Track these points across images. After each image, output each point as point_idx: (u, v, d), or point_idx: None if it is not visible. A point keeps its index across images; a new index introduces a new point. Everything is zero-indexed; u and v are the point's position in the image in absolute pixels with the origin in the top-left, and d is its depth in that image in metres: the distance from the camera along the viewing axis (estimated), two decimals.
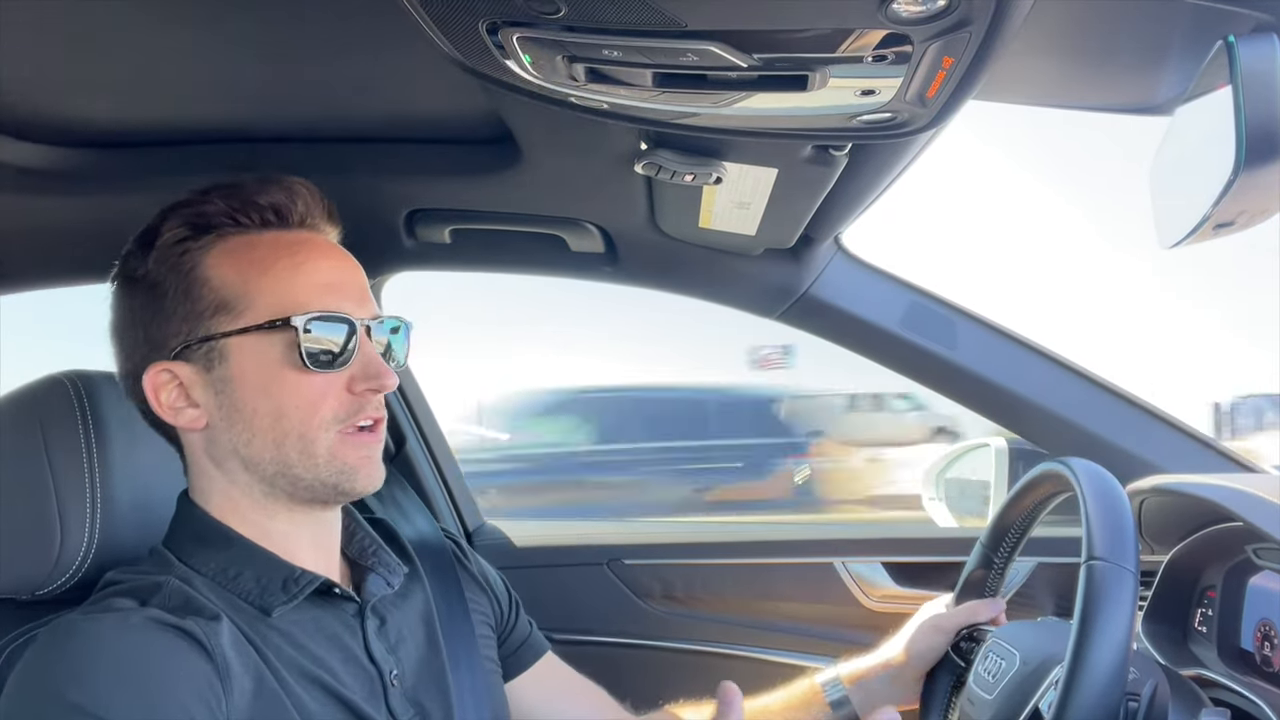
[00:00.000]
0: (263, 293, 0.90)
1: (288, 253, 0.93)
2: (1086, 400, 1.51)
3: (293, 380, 0.90)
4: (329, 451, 0.91)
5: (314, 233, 0.97)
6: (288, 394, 0.90)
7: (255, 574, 0.91)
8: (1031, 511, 1.18)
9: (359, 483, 0.93)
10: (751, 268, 1.48)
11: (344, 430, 0.92)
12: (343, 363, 0.91)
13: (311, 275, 0.92)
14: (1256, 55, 0.80)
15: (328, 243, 0.97)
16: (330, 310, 0.91)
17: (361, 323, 0.93)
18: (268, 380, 0.90)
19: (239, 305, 0.90)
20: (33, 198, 1.29)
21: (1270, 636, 1.04)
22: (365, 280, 0.98)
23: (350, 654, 0.93)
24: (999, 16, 0.69)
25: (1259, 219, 0.92)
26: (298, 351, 0.89)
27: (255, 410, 0.90)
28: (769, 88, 0.82)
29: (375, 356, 0.94)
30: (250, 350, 0.90)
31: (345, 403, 0.92)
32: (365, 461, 0.94)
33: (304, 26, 0.97)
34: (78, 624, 0.80)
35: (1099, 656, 0.82)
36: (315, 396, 0.90)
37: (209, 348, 0.91)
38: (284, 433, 0.90)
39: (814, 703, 1.24)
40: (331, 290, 0.92)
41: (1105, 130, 22.55)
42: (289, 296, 0.90)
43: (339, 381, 0.92)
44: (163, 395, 0.92)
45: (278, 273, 0.91)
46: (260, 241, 0.93)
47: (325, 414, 0.91)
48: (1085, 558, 0.88)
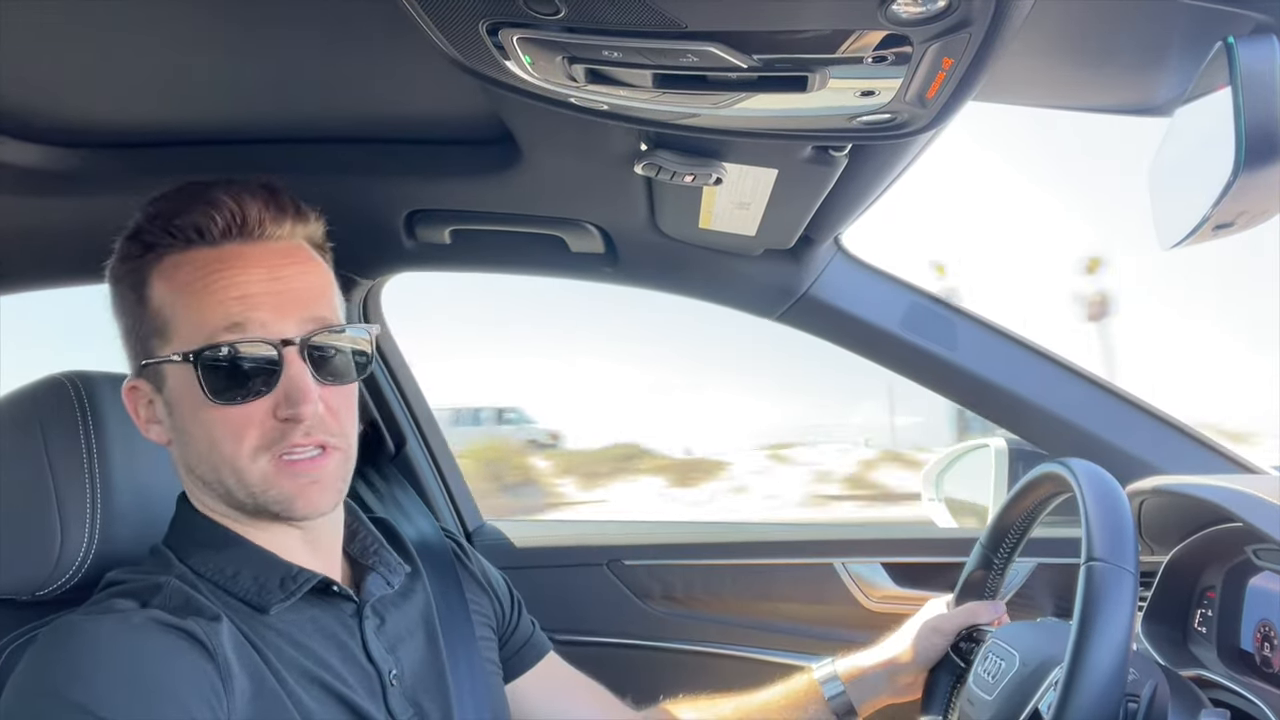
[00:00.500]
0: (181, 318, 0.88)
1: (205, 273, 0.88)
2: (1086, 401, 1.50)
3: (214, 411, 0.87)
4: (263, 480, 0.88)
5: (246, 243, 0.90)
6: (212, 424, 0.87)
7: (253, 573, 0.91)
8: (1031, 512, 1.18)
9: (298, 510, 0.89)
10: (751, 268, 1.48)
11: (278, 456, 0.88)
12: (259, 390, 0.86)
13: (220, 294, 0.87)
14: (1256, 56, 0.80)
15: (259, 250, 0.90)
16: (243, 334, 0.86)
17: (284, 341, 0.87)
18: (196, 409, 0.88)
19: (167, 331, 0.89)
20: (33, 198, 1.29)
21: (1270, 637, 1.04)
22: (306, 284, 0.91)
23: (349, 653, 0.93)
24: (998, 17, 0.69)
25: (1259, 220, 0.92)
26: (199, 387, 0.86)
27: (193, 436, 0.90)
28: (769, 88, 0.82)
29: (296, 380, 0.87)
30: (178, 378, 0.89)
31: (271, 430, 0.87)
32: (305, 489, 0.89)
33: (304, 27, 0.97)
34: (79, 624, 0.80)
35: (1098, 657, 0.82)
36: (237, 428, 0.87)
37: (154, 370, 0.90)
38: (217, 461, 0.88)
39: (812, 699, 1.24)
40: (242, 305, 0.87)
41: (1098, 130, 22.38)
42: (200, 322, 0.87)
43: (263, 408, 0.87)
44: (140, 410, 0.93)
45: (191, 296, 0.88)
46: (185, 261, 0.89)
47: (250, 444, 0.87)
48: (1085, 559, 0.88)
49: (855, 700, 1.23)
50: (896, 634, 1.27)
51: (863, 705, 1.23)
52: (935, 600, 1.29)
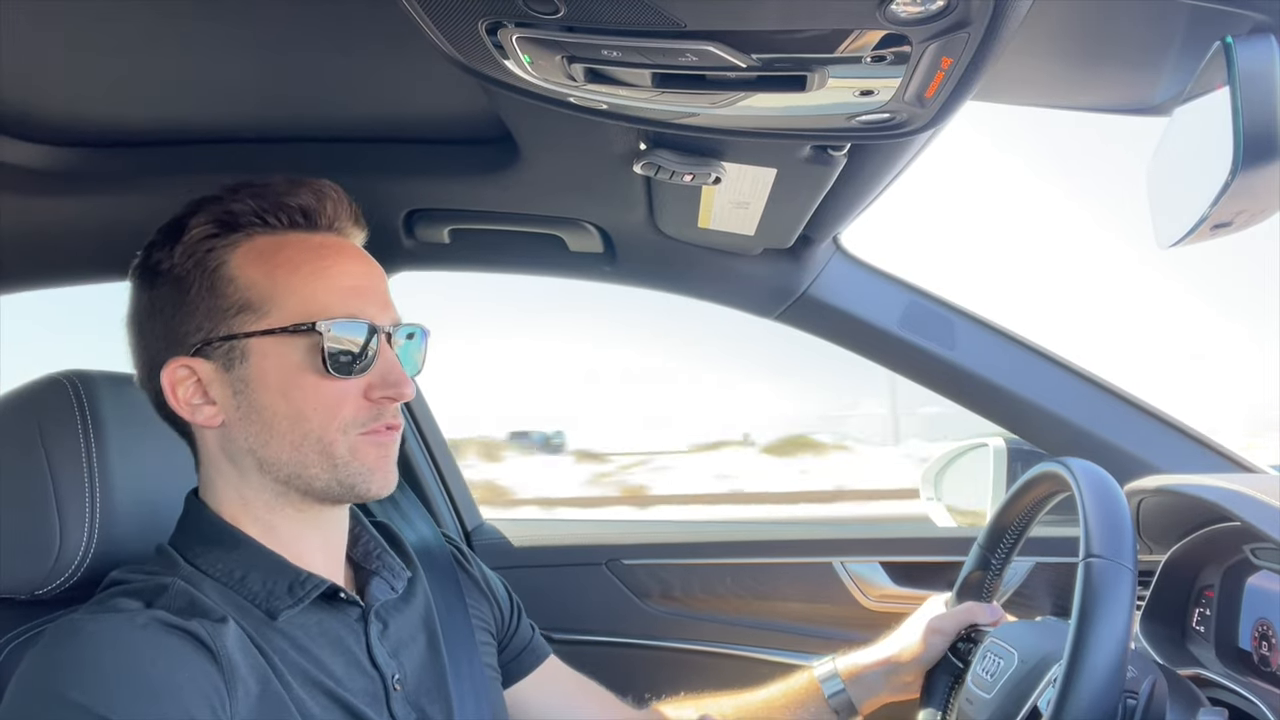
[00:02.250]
0: (288, 295, 0.90)
1: (314, 256, 0.93)
2: (1085, 400, 1.51)
3: (312, 384, 0.90)
4: (349, 452, 0.91)
5: (340, 236, 0.97)
6: (307, 397, 0.90)
7: (261, 576, 0.91)
8: (1029, 511, 1.18)
9: (374, 484, 0.93)
10: (750, 268, 1.48)
11: (362, 433, 0.92)
12: (362, 369, 0.91)
13: (337, 280, 0.92)
14: (1254, 56, 0.80)
15: (353, 247, 0.98)
16: (353, 316, 0.91)
17: (383, 329, 0.93)
18: (288, 383, 0.90)
19: (263, 306, 0.90)
20: (33, 198, 1.29)
21: (1268, 636, 1.05)
22: (387, 286, 0.98)
23: (353, 658, 0.93)
24: (997, 17, 0.69)
25: (1257, 219, 0.92)
26: (320, 356, 0.89)
27: (274, 412, 0.90)
28: (768, 88, 0.82)
29: (395, 364, 0.94)
30: (272, 352, 0.90)
31: (363, 409, 0.92)
32: (382, 461, 0.94)
33: (304, 27, 0.97)
34: (82, 624, 0.80)
35: (1097, 653, 0.82)
36: (334, 401, 0.90)
37: (230, 346, 0.90)
38: (302, 435, 0.90)
39: (812, 696, 1.25)
40: (355, 295, 0.92)
41: None
42: (313, 301, 0.90)
43: (357, 387, 0.92)
44: (180, 391, 0.92)
45: (303, 276, 0.91)
46: (287, 243, 0.93)
47: (344, 418, 0.91)
48: (1083, 555, 0.88)
49: (855, 699, 1.23)
50: (896, 633, 1.27)
51: (863, 704, 1.24)
52: (934, 598, 1.29)
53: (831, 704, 1.23)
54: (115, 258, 0.97)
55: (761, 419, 30.20)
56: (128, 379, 1.02)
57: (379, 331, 0.92)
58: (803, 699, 1.25)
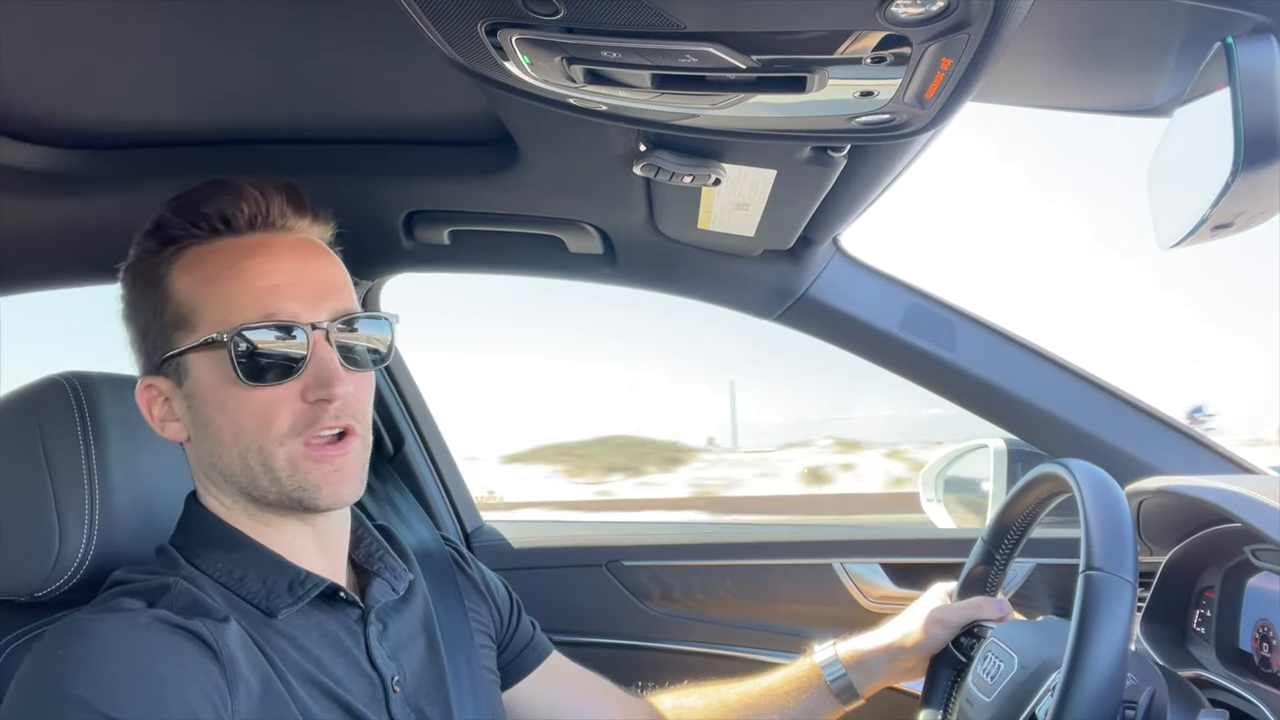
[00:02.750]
0: (208, 306, 0.89)
1: (234, 260, 0.90)
2: (1085, 401, 1.51)
3: (241, 395, 0.88)
4: (289, 465, 0.88)
5: (270, 234, 0.93)
6: (239, 409, 0.88)
7: (261, 576, 0.91)
8: (1033, 509, 1.18)
9: (322, 499, 0.90)
10: (750, 269, 1.48)
11: (306, 442, 0.89)
12: (290, 373, 0.88)
13: (252, 281, 0.89)
14: (1255, 57, 0.80)
15: (284, 242, 0.93)
16: (273, 317, 0.87)
17: (313, 326, 0.89)
18: (220, 395, 0.89)
19: (192, 320, 0.89)
20: (32, 199, 1.29)
21: (1268, 637, 1.05)
22: (331, 277, 0.94)
23: (352, 659, 0.93)
24: (997, 18, 0.69)
25: (1258, 220, 0.92)
26: (231, 367, 0.87)
27: (218, 425, 0.90)
28: (768, 89, 0.82)
29: (328, 362, 0.89)
30: (204, 366, 0.89)
31: (300, 413, 0.88)
32: (329, 477, 0.90)
33: (303, 28, 0.97)
34: (85, 623, 0.80)
35: (1095, 668, 0.82)
36: (266, 409, 0.88)
37: (176, 364, 0.91)
38: (244, 447, 0.89)
39: (814, 681, 1.24)
40: (276, 294, 0.89)
41: None
42: (231, 308, 0.88)
43: (292, 391, 0.88)
44: (154, 409, 0.93)
45: (222, 283, 0.89)
46: (210, 251, 0.91)
47: (280, 427, 0.88)
48: (1084, 567, 0.87)
49: (856, 683, 1.23)
50: (899, 618, 1.26)
51: (864, 688, 1.23)
52: (937, 587, 1.28)
53: (833, 688, 1.23)
54: (114, 260, 0.97)
55: None
56: (127, 381, 1.02)
57: (306, 330, 0.88)
58: (804, 684, 1.25)
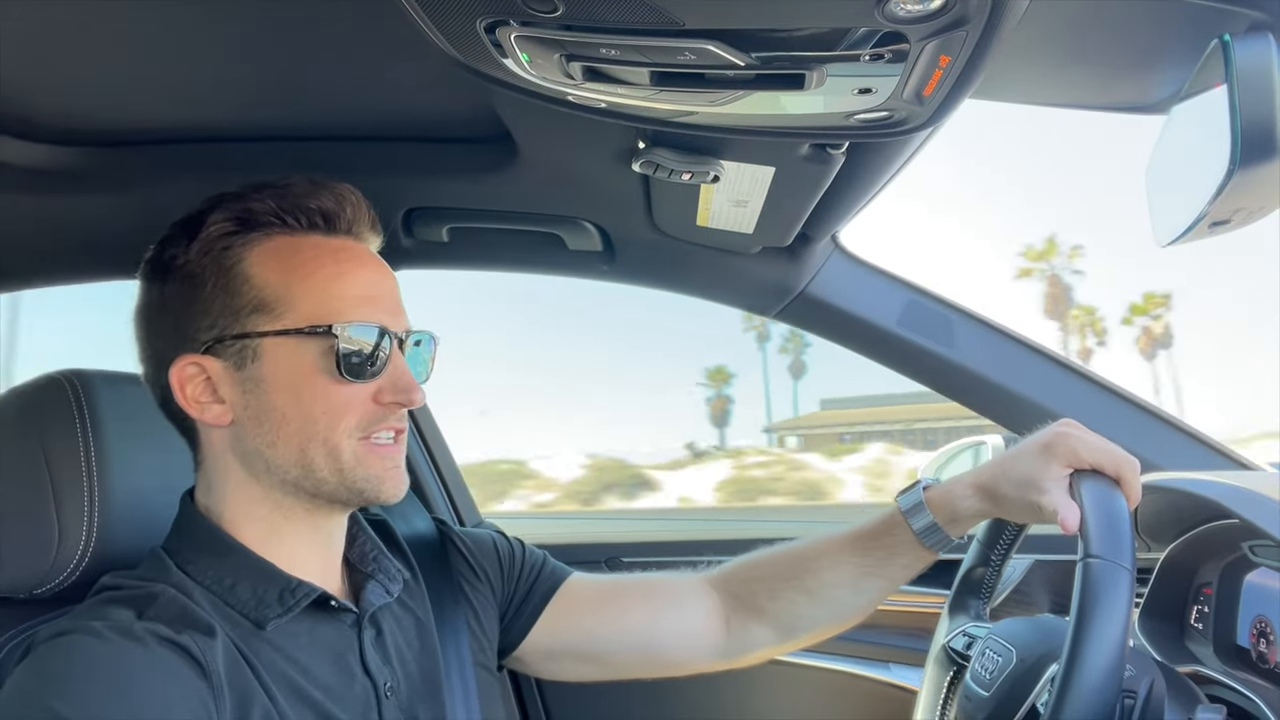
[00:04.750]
0: (303, 297, 0.90)
1: (331, 259, 0.93)
2: (1083, 397, 1.51)
3: (323, 386, 0.90)
4: (354, 458, 0.91)
5: (357, 241, 0.97)
6: (317, 399, 0.90)
7: (252, 584, 0.90)
8: None
9: (384, 492, 0.94)
10: (749, 266, 1.49)
11: (365, 439, 0.92)
12: (374, 374, 0.92)
13: (352, 285, 0.92)
14: (1252, 54, 0.80)
15: (369, 252, 0.98)
16: (367, 320, 0.91)
17: (394, 335, 0.93)
18: (299, 384, 0.90)
19: (278, 307, 0.90)
20: (33, 196, 1.29)
21: (1266, 633, 1.05)
22: (399, 292, 0.99)
23: (345, 666, 0.93)
24: (995, 16, 0.69)
25: (1255, 217, 0.92)
26: (334, 359, 0.89)
27: (283, 413, 0.90)
28: (766, 86, 0.82)
29: (406, 370, 0.94)
30: (285, 353, 0.90)
31: (370, 413, 0.92)
32: (391, 472, 0.94)
33: (302, 26, 0.97)
34: (74, 635, 0.79)
35: (1095, 655, 0.82)
36: (343, 404, 0.91)
37: (242, 345, 0.90)
38: (309, 437, 0.90)
39: (894, 526, 1.10)
40: (369, 301, 0.93)
41: None
42: (329, 303, 0.90)
43: (367, 392, 0.92)
44: (189, 388, 0.91)
45: (320, 279, 0.91)
46: (304, 244, 0.93)
47: (350, 422, 0.91)
48: (1082, 555, 0.88)
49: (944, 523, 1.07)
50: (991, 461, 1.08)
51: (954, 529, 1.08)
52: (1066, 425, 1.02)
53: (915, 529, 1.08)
54: (116, 257, 0.98)
55: None
56: (126, 378, 1.02)
57: (391, 337, 0.93)
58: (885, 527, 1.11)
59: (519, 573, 1.20)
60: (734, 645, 1.18)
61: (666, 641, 1.19)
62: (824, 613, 1.15)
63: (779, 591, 1.15)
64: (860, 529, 1.13)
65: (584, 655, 1.19)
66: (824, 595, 1.13)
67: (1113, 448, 0.97)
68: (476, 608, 1.14)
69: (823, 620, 1.16)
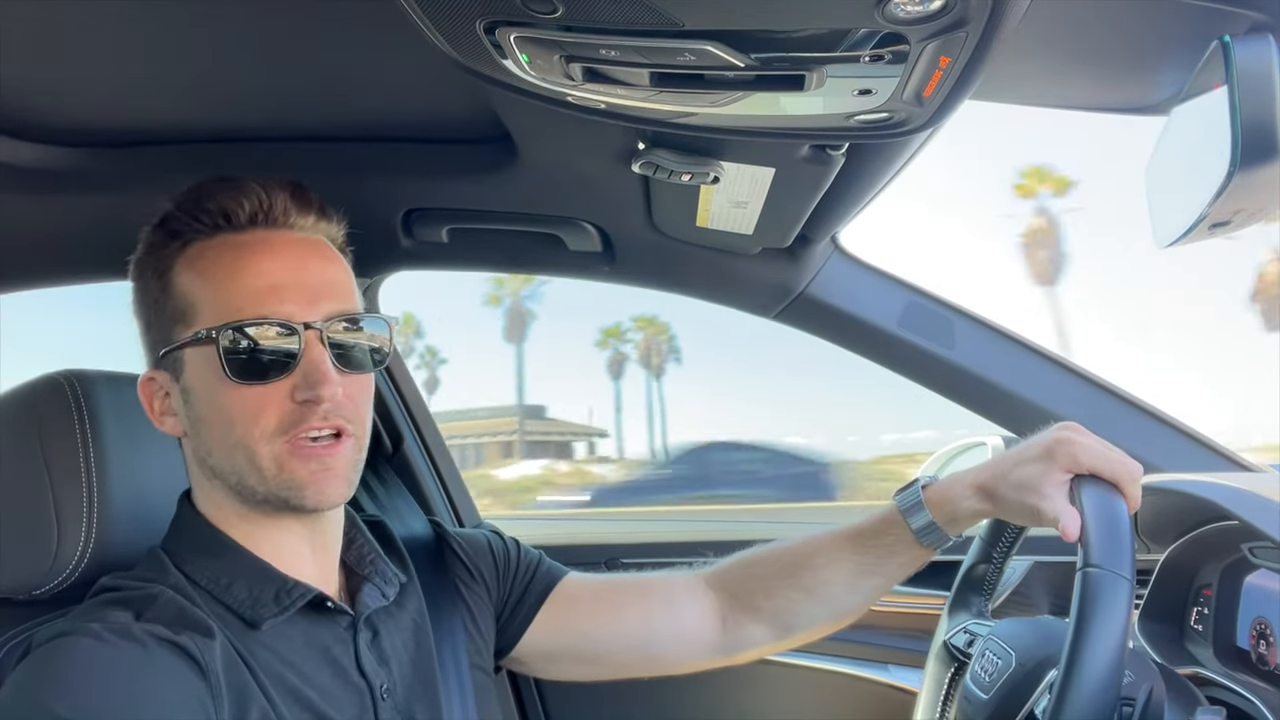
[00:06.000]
0: (209, 301, 0.89)
1: (232, 257, 0.90)
2: (1083, 399, 1.51)
3: (231, 391, 0.87)
4: (275, 463, 0.88)
5: (271, 231, 0.92)
6: (229, 404, 0.88)
7: (248, 584, 0.90)
8: None
9: (308, 498, 0.89)
10: (749, 267, 1.48)
11: (291, 441, 0.88)
12: (281, 372, 0.87)
13: (249, 279, 0.88)
14: (1252, 55, 0.80)
15: (285, 239, 0.93)
16: (266, 315, 0.87)
17: (306, 325, 0.88)
18: (211, 391, 0.89)
19: (190, 314, 0.90)
20: (31, 197, 1.29)
21: (1265, 635, 1.05)
22: (331, 276, 0.94)
23: (340, 668, 0.92)
24: (995, 16, 0.69)
25: (1255, 218, 0.92)
26: (220, 364, 0.87)
27: (209, 421, 0.90)
28: (766, 87, 0.82)
29: (317, 363, 0.88)
30: (196, 361, 0.89)
31: (288, 413, 0.88)
32: (316, 476, 0.89)
33: (302, 27, 0.97)
34: (73, 637, 0.79)
35: (1093, 665, 0.82)
36: (255, 407, 0.87)
37: (174, 357, 0.91)
38: (232, 444, 0.88)
39: (893, 524, 1.09)
40: (272, 292, 0.88)
41: None
42: (227, 305, 0.88)
43: (281, 390, 0.88)
44: (155, 403, 0.93)
45: (219, 279, 0.89)
46: (211, 246, 0.91)
47: (266, 425, 0.87)
48: (1081, 564, 0.87)
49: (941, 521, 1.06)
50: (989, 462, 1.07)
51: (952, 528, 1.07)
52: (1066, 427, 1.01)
53: (913, 527, 1.06)
54: (114, 257, 0.97)
55: None
56: (125, 379, 1.02)
57: (299, 329, 0.88)
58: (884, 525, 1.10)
59: (514, 573, 1.19)
60: (731, 643, 1.18)
61: (663, 640, 1.18)
62: (821, 611, 1.14)
63: (776, 590, 1.15)
64: (857, 527, 1.13)
65: (581, 655, 1.19)
66: (821, 593, 1.13)
67: (1114, 453, 0.97)
68: (472, 609, 1.13)
69: (820, 618, 1.15)
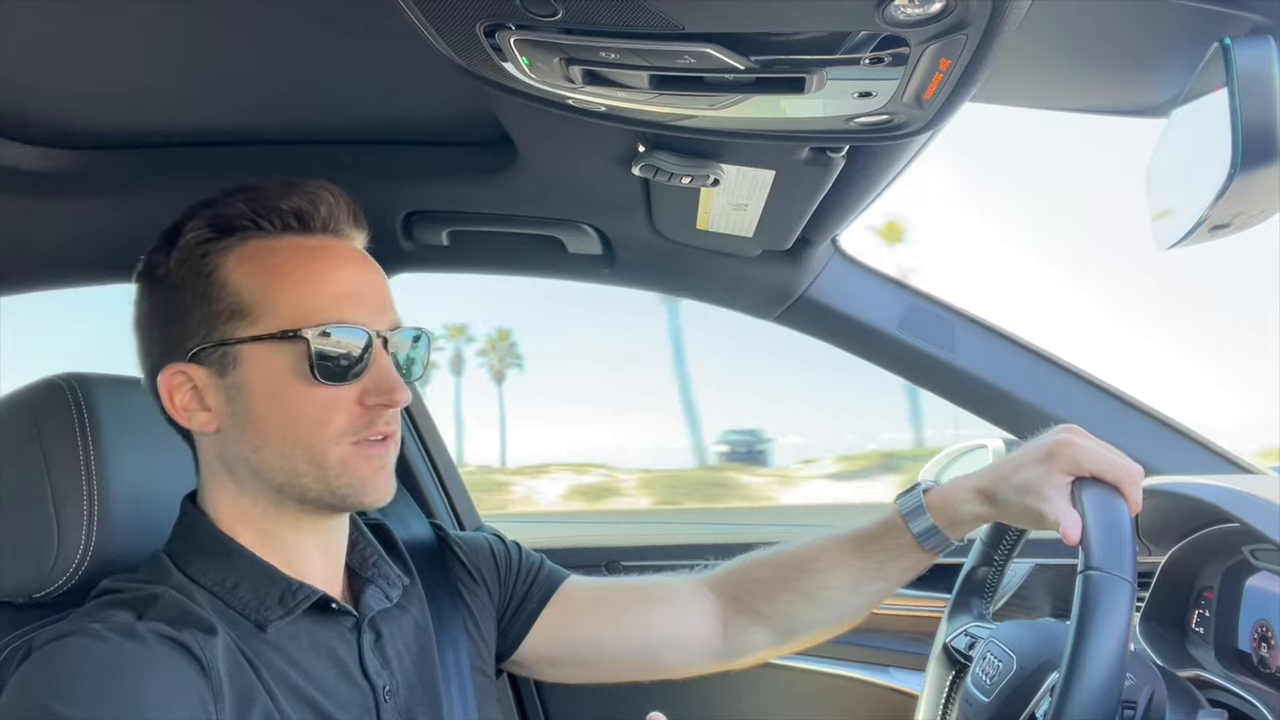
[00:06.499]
0: (278, 300, 0.89)
1: (306, 259, 0.91)
2: (1084, 401, 1.51)
3: (302, 391, 0.88)
4: (340, 463, 0.90)
5: (336, 238, 0.95)
6: (297, 405, 0.89)
7: (253, 586, 0.90)
8: None
9: (369, 496, 0.92)
10: (749, 269, 1.48)
11: (355, 442, 0.91)
12: (355, 376, 0.90)
13: (328, 284, 0.91)
14: (1252, 57, 0.80)
15: (349, 249, 0.96)
16: (345, 321, 0.89)
17: (377, 334, 0.91)
18: (278, 390, 0.89)
19: (254, 312, 0.89)
20: (32, 200, 1.29)
21: (1267, 637, 1.05)
22: (386, 288, 0.97)
23: (344, 669, 0.93)
24: (996, 18, 0.69)
25: (1256, 220, 0.92)
26: (308, 363, 0.87)
27: (265, 419, 0.89)
28: (766, 90, 0.82)
29: (389, 370, 0.92)
30: (262, 358, 0.89)
31: (356, 416, 0.90)
32: (376, 474, 0.92)
33: (303, 30, 0.97)
34: (74, 637, 0.79)
35: (1094, 668, 0.81)
36: (325, 409, 0.89)
37: (223, 353, 0.90)
38: (293, 444, 0.89)
39: (894, 528, 1.09)
40: (348, 299, 0.91)
41: None
42: (304, 305, 0.89)
43: (350, 394, 0.90)
44: (177, 397, 0.92)
45: (294, 280, 0.90)
46: (279, 246, 0.92)
47: (336, 427, 0.89)
48: (1083, 567, 0.87)
49: (943, 526, 1.06)
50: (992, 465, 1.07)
51: (954, 533, 1.07)
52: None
53: (914, 531, 1.07)
54: (114, 260, 0.98)
55: None
56: (126, 382, 1.02)
57: (372, 336, 0.91)
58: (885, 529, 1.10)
59: (515, 576, 1.19)
60: (732, 647, 1.18)
61: (664, 643, 1.18)
62: (822, 614, 1.15)
63: (777, 594, 1.15)
64: (858, 531, 1.13)
65: (582, 658, 1.19)
66: (822, 597, 1.13)
67: (1114, 455, 0.97)
68: (474, 612, 1.13)
69: (820, 622, 1.15)
